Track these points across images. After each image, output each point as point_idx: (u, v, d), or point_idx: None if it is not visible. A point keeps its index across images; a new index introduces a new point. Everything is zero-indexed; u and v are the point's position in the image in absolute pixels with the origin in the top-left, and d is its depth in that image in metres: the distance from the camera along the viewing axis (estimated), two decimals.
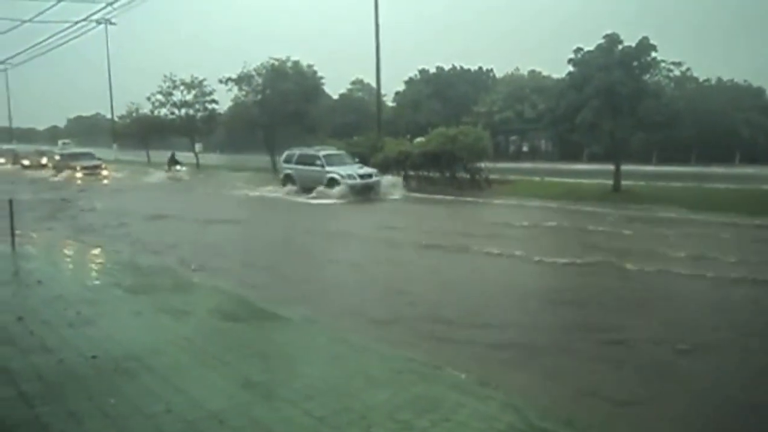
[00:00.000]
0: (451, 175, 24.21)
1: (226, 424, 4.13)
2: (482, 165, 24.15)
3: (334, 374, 5.19)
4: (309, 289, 9.23)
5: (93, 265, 10.67)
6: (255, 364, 5.43)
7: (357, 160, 24.75)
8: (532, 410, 4.55)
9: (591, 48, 20.51)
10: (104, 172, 35.73)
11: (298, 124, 35.31)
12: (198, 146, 43.33)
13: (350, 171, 22.68)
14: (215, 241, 13.98)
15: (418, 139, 27.18)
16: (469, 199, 21.42)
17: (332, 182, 22.40)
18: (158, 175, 35.31)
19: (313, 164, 23.45)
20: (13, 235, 11.50)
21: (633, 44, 20.06)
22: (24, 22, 31.44)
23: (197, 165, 40.55)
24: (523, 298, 8.68)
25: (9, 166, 48.59)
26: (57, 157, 42.17)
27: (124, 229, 15.54)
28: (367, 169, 23.21)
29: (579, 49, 20.83)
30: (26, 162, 46.46)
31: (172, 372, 5.14)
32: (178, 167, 35.38)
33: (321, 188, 22.45)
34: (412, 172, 25.64)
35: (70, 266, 10.78)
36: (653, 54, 20.11)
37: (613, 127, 19.94)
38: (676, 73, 33.57)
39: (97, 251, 12.02)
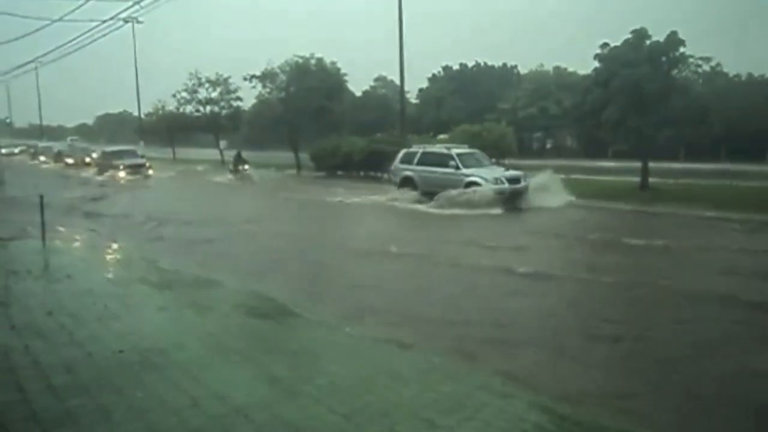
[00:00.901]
0: None
1: (250, 419, 4.16)
2: (506, 162, 23.97)
3: (358, 372, 5.19)
4: None
5: (118, 262, 10.84)
6: (278, 360, 5.47)
7: (494, 160, 21.29)
8: (558, 409, 4.50)
9: (618, 43, 20.23)
10: (149, 171, 33.63)
11: (321, 121, 35.41)
12: (222, 143, 43.75)
13: (495, 174, 18.64)
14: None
15: (441, 136, 27.11)
16: None
17: (472, 187, 18.17)
18: (221, 175, 32.17)
19: (443, 165, 19.18)
20: (44, 230, 11.73)
21: (661, 39, 19.72)
22: (54, 21, 31.93)
23: (222, 161, 40.87)
24: None
25: (51, 165, 46.64)
26: (93, 155, 41.32)
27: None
28: (513, 172, 19.18)
29: (605, 45, 20.54)
30: (70, 160, 44.46)
31: (197, 367, 5.19)
32: (246, 167, 31.63)
33: (452, 193, 18.06)
34: None
35: (100, 265, 10.94)
36: (682, 49, 19.75)
37: (640, 124, 19.63)
38: (706, 68, 33.02)
39: (124, 248, 12.19)
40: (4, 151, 66.01)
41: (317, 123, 35.51)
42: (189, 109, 44.96)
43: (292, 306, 7.52)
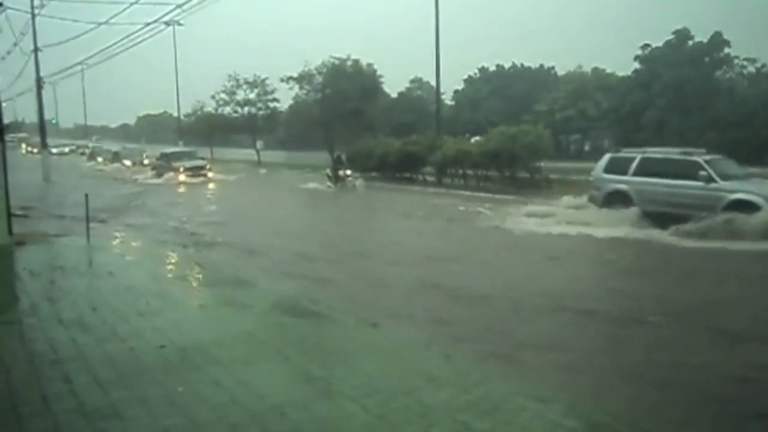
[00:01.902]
0: (511, 175, 23.84)
1: (287, 416, 4.21)
2: (541, 165, 23.71)
3: (394, 372, 5.21)
4: None
5: (162, 260, 11.07)
6: (315, 359, 5.53)
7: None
8: (596, 416, 4.44)
9: (659, 44, 19.87)
10: (209, 174, 31.80)
11: (356, 123, 35.62)
12: (259, 143, 44.37)
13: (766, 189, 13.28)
14: None
15: (475, 138, 26.97)
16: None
17: (740, 209, 12.65)
18: (312, 182, 28.09)
19: (682, 176, 13.87)
20: (88, 227, 12.08)
21: (705, 40, 19.31)
22: (100, 24, 32.86)
23: (258, 162, 41.41)
24: None
25: (108, 166, 44.66)
26: (145, 157, 40.98)
27: None
28: None
29: (646, 46, 20.27)
30: (127, 162, 43.39)
31: (235, 364, 5.28)
32: (348, 172, 26.09)
33: (716, 220, 12.58)
34: (470, 172, 25.44)
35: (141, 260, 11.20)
36: (726, 50, 19.38)
37: (682, 127, 19.26)
38: (751, 69, 32.07)
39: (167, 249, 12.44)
40: (54, 150, 68.06)
41: (352, 124, 35.75)
42: (227, 110, 45.80)
43: None
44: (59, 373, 4.98)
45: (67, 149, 69.51)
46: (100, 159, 49.27)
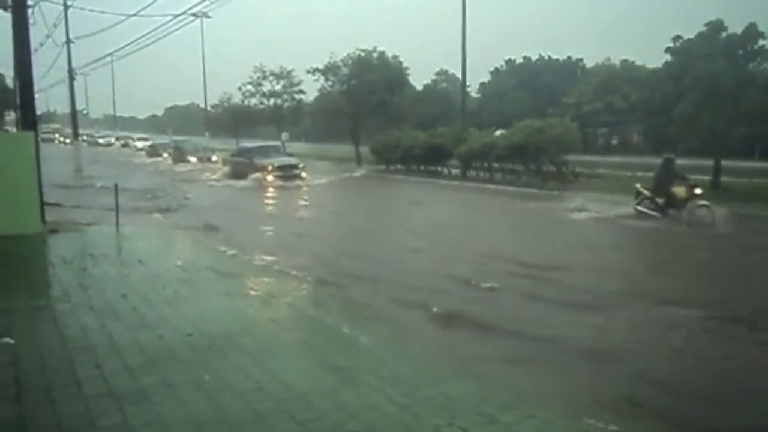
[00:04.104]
0: (537, 168, 23.63)
1: (312, 405, 4.26)
2: (568, 158, 23.45)
3: (419, 364, 5.23)
4: None
5: (187, 249, 11.24)
6: (339, 349, 5.57)
7: None
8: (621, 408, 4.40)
9: (691, 36, 19.46)
10: (303, 175, 25.37)
11: (382, 115, 35.59)
12: (284, 135, 44.62)
13: None
14: None
15: (501, 131, 26.78)
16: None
17: None
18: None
19: None
20: (117, 216, 12.31)
21: (738, 32, 18.85)
22: (130, 16, 33.37)
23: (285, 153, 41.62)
24: None
25: (168, 165, 37.00)
26: (213, 153, 36.18)
27: None
28: None
29: (678, 38, 19.80)
30: (193, 159, 36.54)
31: (261, 352, 5.35)
32: (697, 191, 14.22)
33: None
34: (496, 165, 25.29)
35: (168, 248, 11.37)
36: (761, 42, 18.84)
37: (713, 121, 18.84)
38: None
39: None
40: (102, 141, 69.33)
41: (378, 116, 35.73)
42: (254, 101, 46.12)
43: None
44: (90, 358, 5.10)
45: (113, 140, 69.42)
46: (165, 155, 41.96)
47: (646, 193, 14.95)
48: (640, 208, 14.91)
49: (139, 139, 62.57)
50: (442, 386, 4.66)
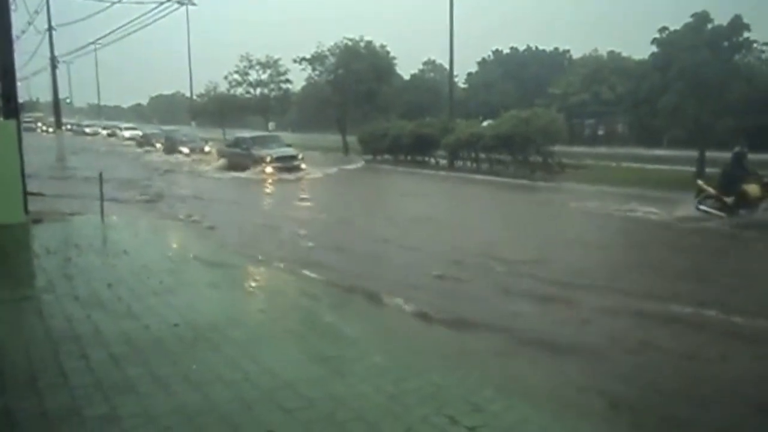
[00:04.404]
0: (524, 159, 23.71)
1: (301, 394, 4.26)
2: (555, 149, 23.55)
3: (407, 354, 5.25)
4: None
5: (172, 239, 11.17)
6: (328, 339, 5.58)
7: None
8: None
9: (677, 27, 19.55)
10: (303, 165, 24.46)
11: (369, 104, 35.50)
12: (271, 125, 44.36)
13: None
14: None
15: (488, 122, 26.83)
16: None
17: None
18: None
19: None
20: (102, 206, 12.19)
21: (724, 23, 18.97)
22: (113, 3, 32.95)
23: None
24: None
25: (160, 156, 35.16)
26: (205, 143, 35.10)
27: None
28: None
29: (664, 29, 19.89)
30: (185, 150, 34.90)
31: (249, 342, 5.34)
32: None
33: None
34: (483, 155, 25.35)
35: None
36: (746, 34, 18.99)
37: (699, 112, 18.99)
38: None
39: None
40: (88, 130, 67.75)
41: (365, 106, 35.64)
42: (240, 90, 45.78)
43: None
44: (76, 349, 5.05)
45: (101, 130, 67.59)
46: (158, 145, 39.90)
47: (711, 190, 13.38)
48: (703, 207, 13.30)
49: (127, 129, 60.64)
50: (430, 376, 4.69)
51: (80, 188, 17.78)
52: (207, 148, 34.63)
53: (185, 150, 34.99)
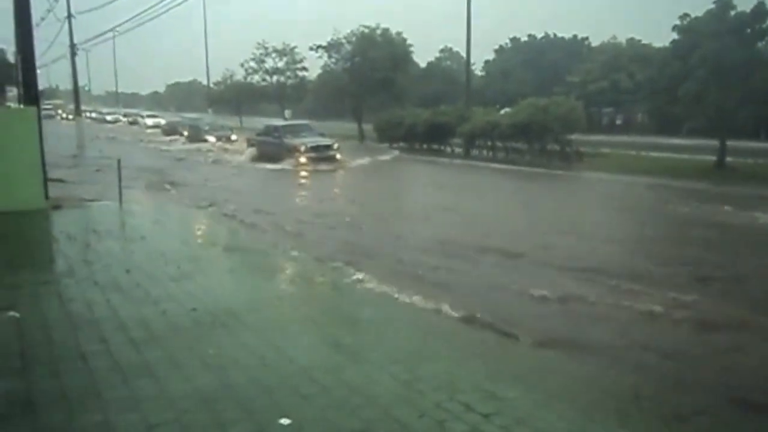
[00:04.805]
0: (542, 148, 23.51)
1: (316, 381, 4.28)
2: (573, 137, 23.33)
3: (422, 342, 5.26)
4: None
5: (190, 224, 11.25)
6: (344, 326, 5.60)
7: None
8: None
9: (699, 14, 19.22)
10: (338, 155, 23.11)
11: (385, 93, 35.39)
12: (287, 112, 44.42)
13: None
14: None
15: (505, 110, 26.63)
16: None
17: None
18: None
19: None
20: (120, 193, 12.31)
21: (747, 10, 18.60)
22: None
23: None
24: None
25: (184, 144, 34.31)
26: (232, 132, 34.32)
27: None
28: None
29: (686, 16, 19.57)
30: (211, 138, 33.86)
31: (266, 328, 5.38)
32: None
33: None
34: (499, 144, 25.19)
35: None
36: None
37: (720, 100, 18.67)
38: None
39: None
40: (109, 118, 67.51)
41: (381, 94, 35.54)
42: (256, 78, 45.87)
43: None
44: (95, 333, 5.13)
45: (123, 117, 66.53)
46: (186, 134, 37.71)
47: None
48: None
49: (149, 116, 58.22)
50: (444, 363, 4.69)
51: (107, 177, 16.54)
52: (233, 137, 33.90)
53: (211, 139, 33.93)
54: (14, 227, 9.84)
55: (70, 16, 36.01)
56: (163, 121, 50.36)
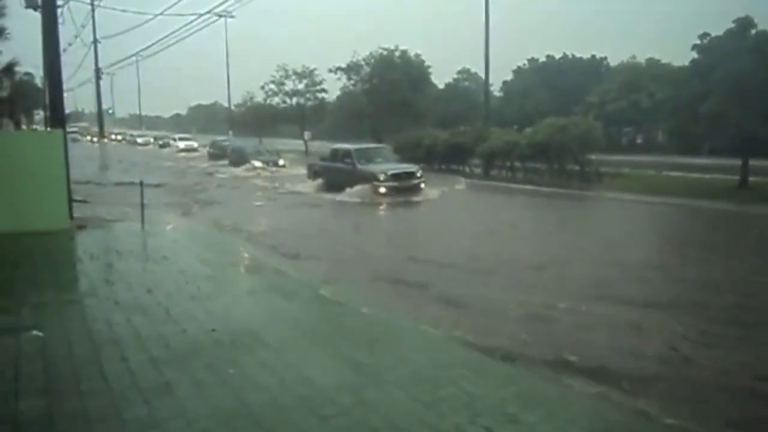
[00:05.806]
0: (560, 168, 23.40)
1: (335, 401, 4.28)
2: (592, 157, 23.20)
3: (441, 363, 5.23)
4: None
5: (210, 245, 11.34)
6: (362, 347, 5.59)
7: None
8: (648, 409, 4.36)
9: (719, 33, 19.14)
10: (422, 185, 19.73)
11: (404, 113, 35.62)
12: (307, 134, 44.82)
13: None
14: None
15: (526, 130, 26.61)
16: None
17: None
18: None
19: None
20: (143, 214, 12.47)
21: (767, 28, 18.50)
22: (156, 15, 33.92)
23: (306, 152, 41.80)
24: None
25: (227, 170, 31.64)
26: (280, 156, 31.55)
27: None
28: None
29: (705, 35, 19.50)
30: (258, 163, 30.81)
31: (284, 348, 5.39)
32: None
33: None
34: (518, 164, 25.13)
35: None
36: None
37: (741, 119, 18.48)
38: None
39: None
40: (140, 140, 67.37)
41: (400, 115, 35.76)
42: (276, 100, 46.46)
43: None
44: (117, 352, 5.18)
45: (152, 140, 64.47)
46: (234, 161, 33.11)
47: None
48: None
49: (181, 139, 54.09)
50: (464, 384, 4.65)
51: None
52: (281, 161, 31.53)
53: (257, 164, 30.76)
54: (39, 247, 10.01)
55: (95, 40, 36.98)
56: (195, 144, 49.43)
